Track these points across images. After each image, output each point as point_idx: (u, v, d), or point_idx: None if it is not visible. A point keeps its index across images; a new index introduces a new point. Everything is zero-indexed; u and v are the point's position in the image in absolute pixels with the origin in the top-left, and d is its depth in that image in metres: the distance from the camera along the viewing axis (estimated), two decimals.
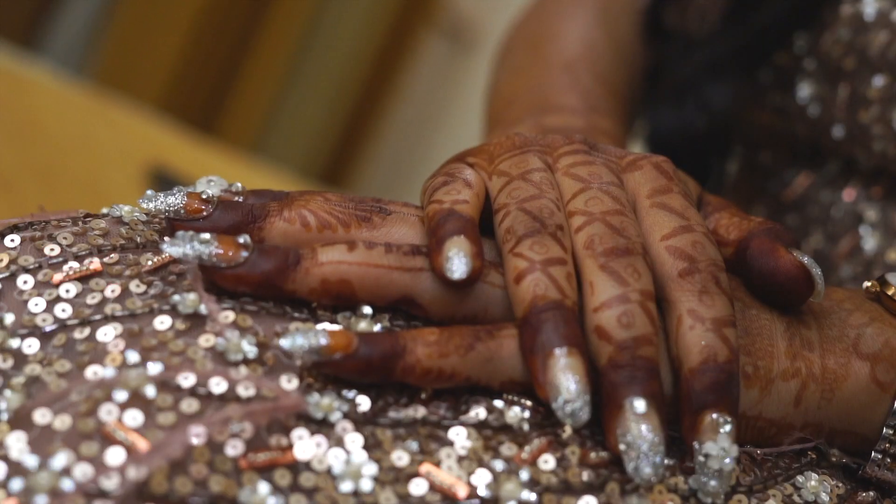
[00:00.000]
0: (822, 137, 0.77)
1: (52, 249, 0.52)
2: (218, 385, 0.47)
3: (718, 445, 0.49)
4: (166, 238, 0.51)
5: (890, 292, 0.56)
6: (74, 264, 0.51)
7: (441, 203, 0.53)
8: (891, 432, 0.54)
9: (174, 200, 0.53)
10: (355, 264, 0.50)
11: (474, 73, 2.06)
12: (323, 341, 0.48)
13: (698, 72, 0.80)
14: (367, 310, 0.51)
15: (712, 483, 0.49)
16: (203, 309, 0.50)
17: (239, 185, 0.56)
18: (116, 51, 2.17)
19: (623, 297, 0.50)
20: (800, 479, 0.53)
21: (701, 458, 0.49)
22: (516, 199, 0.53)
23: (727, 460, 0.49)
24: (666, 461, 0.51)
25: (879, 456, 0.55)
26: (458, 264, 0.50)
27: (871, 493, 0.55)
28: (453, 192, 0.54)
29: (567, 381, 0.48)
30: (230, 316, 0.50)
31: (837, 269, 0.77)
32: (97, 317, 0.49)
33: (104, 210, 0.55)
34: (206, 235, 0.50)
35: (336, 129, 2.52)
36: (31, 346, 0.49)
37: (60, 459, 0.44)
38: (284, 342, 0.48)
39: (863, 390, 0.54)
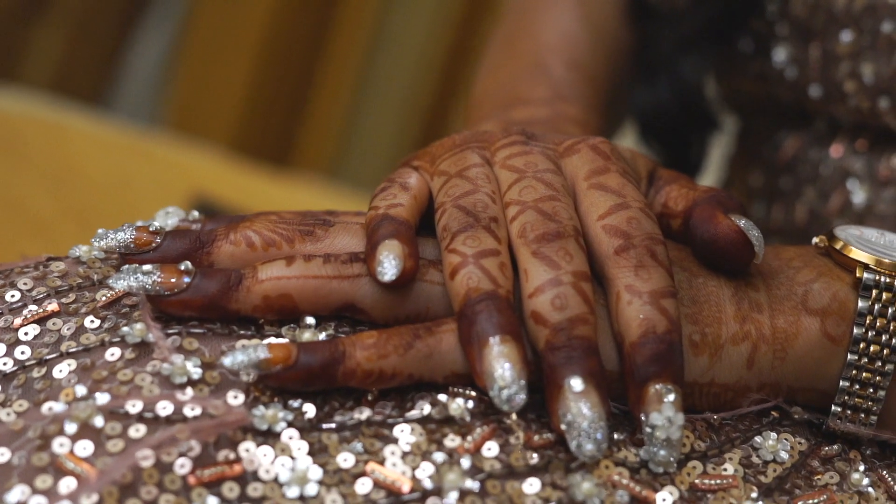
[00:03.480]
0: (802, 99, 0.78)
1: (12, 296, 0.55)
2: (164, 408, 0.49)
3: (663, 415, 0.50)
4: (113, 273, 0.54)
5: (838, 246, 0.56)
6: (33, 307, 0.54)
7: (377, 209, 0.55)
8: (847, 384, 0.55)
9: (124, 236, 0.55)
10: (293, 278, 0.52)
11: None
12: (262, 355, 0.50)
13: (671, 47, 0.81)
14: (310, 320, 0.53)
15: (661, 453, 0.51)
16: (150, 337, 0.52)
17: (195, 213, 0.58)
18: (185, 96, 2.21)
19: (555, 281, 0.51)
20: (757, 439, 0.54)
21: (648, 430, 0.51)
22: (452, 196, 0.55)
23: (673, 429, 0.50)
24: (615, 435, 0.52)
25: (839, 409, 0.55)
26: (388, 266, 0.52)
27: (836, 447, 0.55)
28: (389, 196, 0.55)
29: (502, 369, 0.49)
30: (176, 341, 0.52)
31: (831, 225, 0.77)
32: (53, 355, 0.52)
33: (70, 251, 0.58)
34: (148, 266, 0.52)
35: (410, 142, 2.53)
36: None
37: (15, 494, 0.47)
38: (226, 360, 0.50)
39: (815, 346, 0.55)
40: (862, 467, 0.55)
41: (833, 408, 0.55)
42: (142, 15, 2.22)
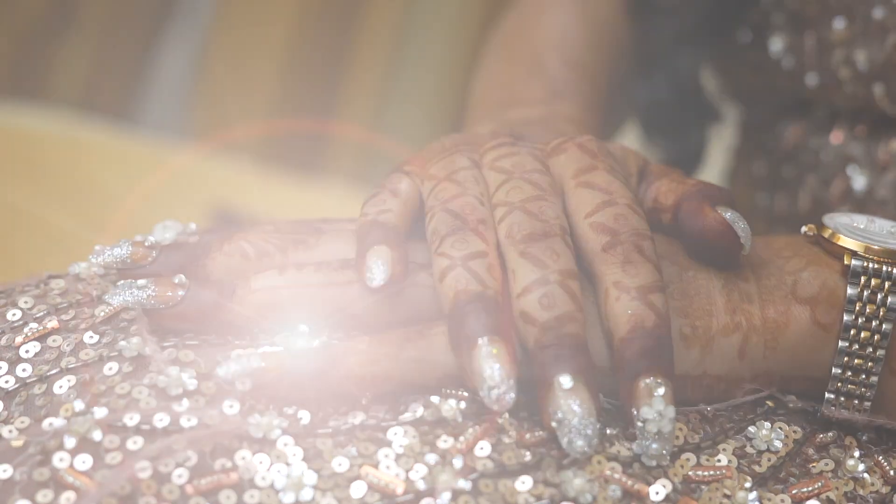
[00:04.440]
0: (800, 87, 0.78)
1: (13, 315, 0.56)
2: (161, 420, 0.50)
3: (654, 409, 0.51)
4: (109, 289, 0.55)
5: (826, 234, 0.57)
6: (34, 325, 0.55)
7: (367, 216, 0.56)
8: (839, 371, 0.55)
9: (120, 252, 0.56)
10: (286, 287, 0.53)
11: None
12: (255, 364, 0.51)
13: (669, 41, 0.81)
14: (304, 328, 0.53)
15: (654, 446, 0.51)
16: (147, 350, 0.53)
17: (193, 225, 0.59)
18: (212, 106, 2.21)
19: (542, 280, 0.52)
20: (751, 429, 0.55)
21: (639, 424, 0.51)
22: (441, 200, 0.55)
23: (665, 422, 0.51)
24: (608, 430, 0.52)
25: (832, 396, 0.55)
26: (377, 272, 0.52)
27: (831, 434, 0.56)
28: (378, 202, 0.56)
29: (491, 369, 0.50)
30: (172, 353, 0.53)
31: (833, 212, 0.77)
32: (53, 371, 0.53)
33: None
34: (143, 281, 0.54)
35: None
36: None
37: None
38: (220, 370, 0.51)
39: (806, 334, 0.55)
40: (857, 453, 0.55)
41: (826, 395, 0.55)
42: (166, 26, 2.24)
